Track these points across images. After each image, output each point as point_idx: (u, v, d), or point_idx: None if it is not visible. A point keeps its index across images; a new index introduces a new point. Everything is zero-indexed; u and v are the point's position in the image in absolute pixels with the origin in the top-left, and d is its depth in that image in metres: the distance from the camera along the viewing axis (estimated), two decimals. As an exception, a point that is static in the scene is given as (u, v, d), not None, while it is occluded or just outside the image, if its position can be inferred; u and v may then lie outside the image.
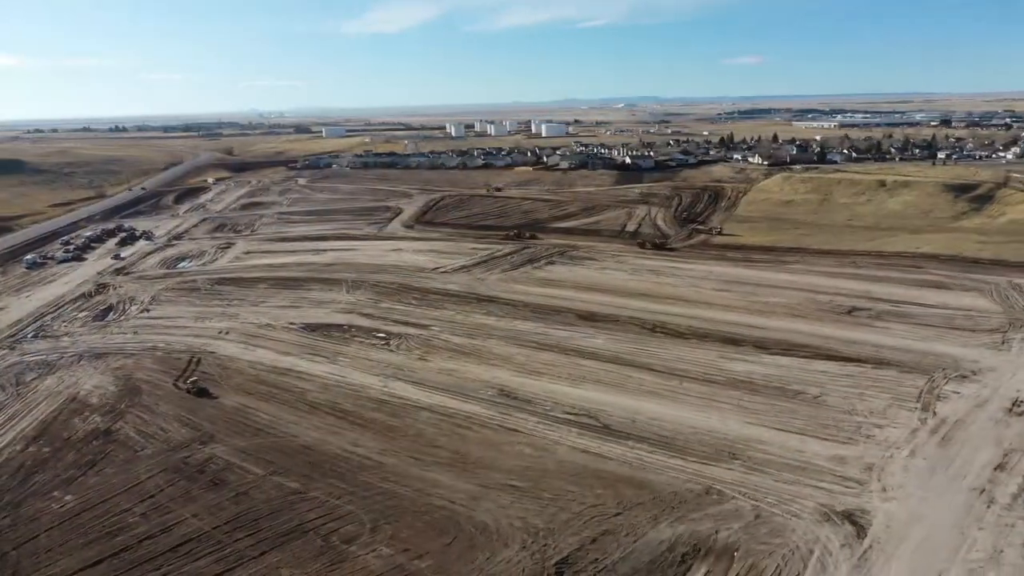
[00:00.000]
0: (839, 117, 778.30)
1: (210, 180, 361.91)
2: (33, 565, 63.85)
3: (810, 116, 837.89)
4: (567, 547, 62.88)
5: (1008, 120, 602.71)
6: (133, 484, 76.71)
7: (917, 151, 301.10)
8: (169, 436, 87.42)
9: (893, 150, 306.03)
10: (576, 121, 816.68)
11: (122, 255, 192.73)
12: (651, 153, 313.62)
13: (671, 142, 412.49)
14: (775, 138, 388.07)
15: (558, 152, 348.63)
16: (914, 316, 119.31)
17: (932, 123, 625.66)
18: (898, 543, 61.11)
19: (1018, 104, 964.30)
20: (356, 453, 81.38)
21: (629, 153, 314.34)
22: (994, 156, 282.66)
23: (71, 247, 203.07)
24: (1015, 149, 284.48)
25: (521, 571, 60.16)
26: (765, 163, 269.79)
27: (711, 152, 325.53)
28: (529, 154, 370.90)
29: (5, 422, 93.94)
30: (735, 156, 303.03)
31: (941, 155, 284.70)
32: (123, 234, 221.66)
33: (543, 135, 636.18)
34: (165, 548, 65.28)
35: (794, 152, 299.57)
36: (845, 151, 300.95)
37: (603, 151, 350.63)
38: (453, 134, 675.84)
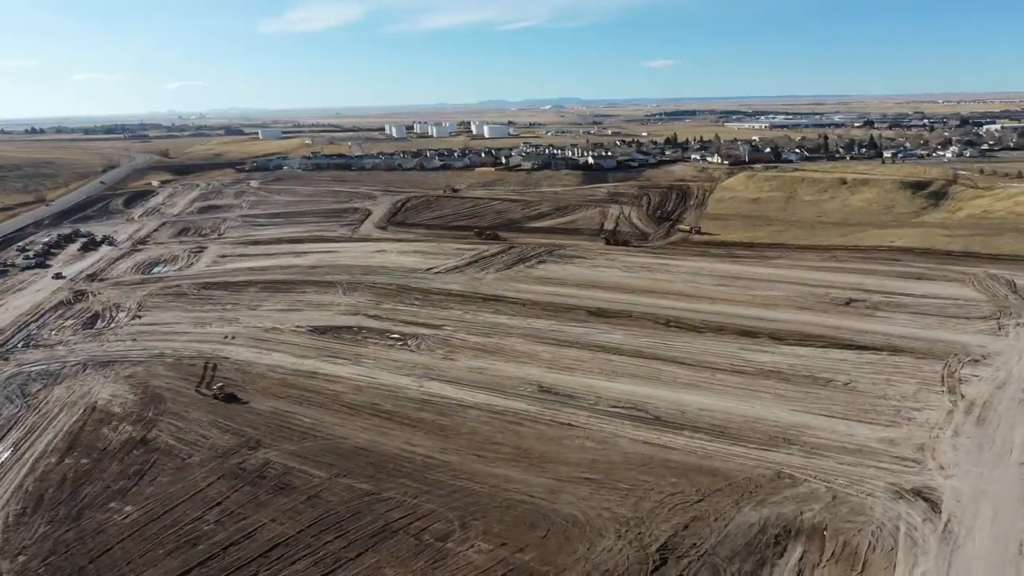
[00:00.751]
0: (762, 119, 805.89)
1: (155, 183, 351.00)
2: (117, 578, 61.74)
3: (734, 117, 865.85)
4: (661, 534, 64.34)
5: (927, 121, 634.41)
6: (194, 492, 74.61)
7: (863, 150, 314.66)
8: (213, 443, 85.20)
9: (840, 149, 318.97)
10: (510, 122, 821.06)
11: (65, 271, 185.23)
12: (611, 153, 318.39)
13: (617, 143, 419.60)
14: (727, 139, 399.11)
15: (518, 153, 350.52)
16: (909, 306, 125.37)
17: (856, 124, 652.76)
18: (973, 516, 64.75)
19: (925, 106, 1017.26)
20: (416, 453, 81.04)
21: (591, 153, 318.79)
22: (934, 155, 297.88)
23: (30, 254, 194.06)
24: (953, 148, 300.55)
25: (625, 559, 61.31)
26: (726, 163, 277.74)
27: (666, 152, 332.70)
28: (484, 155, 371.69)
29: (27, 435, 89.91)
30: (694, 156, 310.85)
31: (887, 154, 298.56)
32: (83, 239, 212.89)
33: (486, 136, 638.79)
34: (255, 554, 63.93)
35: (752, 152, 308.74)
36: (797, 150, 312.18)
37: (556, 151, 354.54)
38: (395, 135, 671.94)
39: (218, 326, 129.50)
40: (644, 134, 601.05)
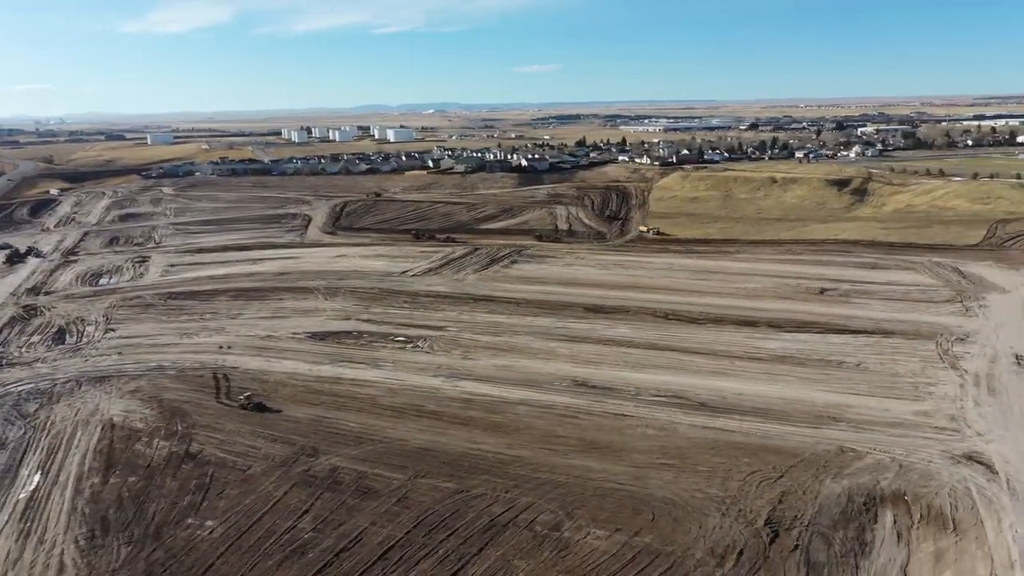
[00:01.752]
0: (648, 122, 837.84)
1: (54, 191, 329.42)
2: (236, 592, 59.56)
3: (619, 121, 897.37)
4: (761, 509, 67.87)
5: (805, 124, 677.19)
6: (273, 502, 72.39)
7: (777, 151, 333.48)
8: (266, 452, 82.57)
9: (755, 150, 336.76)
10: (401, 127, 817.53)
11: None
12: (545, 156, 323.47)
13: (528, 145, 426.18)
14: (633, 141, 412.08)
15: (449, 155, 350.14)
16: (877, 293, 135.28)
17: (742, 128, 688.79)
18: (1026, 474, 71.74)
19: (791, 110, 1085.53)
20: (483, 450, 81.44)
21: (525, 156, 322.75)
22: (839, 155, 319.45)
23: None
24: (856, 148, 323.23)
25: (739, 534, 64.41)
26: (656, 163, 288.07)
27: (591, 155, 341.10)
28: (404, 158, 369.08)
29: (49, 456, 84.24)
30: (621, 157, 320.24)
31: (799, 154, 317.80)
32: (6, 251, 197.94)
33: (392, 140, 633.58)
34: (371, 557, 63.04)
35: (679, 153, 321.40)
36: (718, 151, 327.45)
37: (474, 154, 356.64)
38: (295, 140, 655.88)
39: (206, 336, 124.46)
40: (546, 137, 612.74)
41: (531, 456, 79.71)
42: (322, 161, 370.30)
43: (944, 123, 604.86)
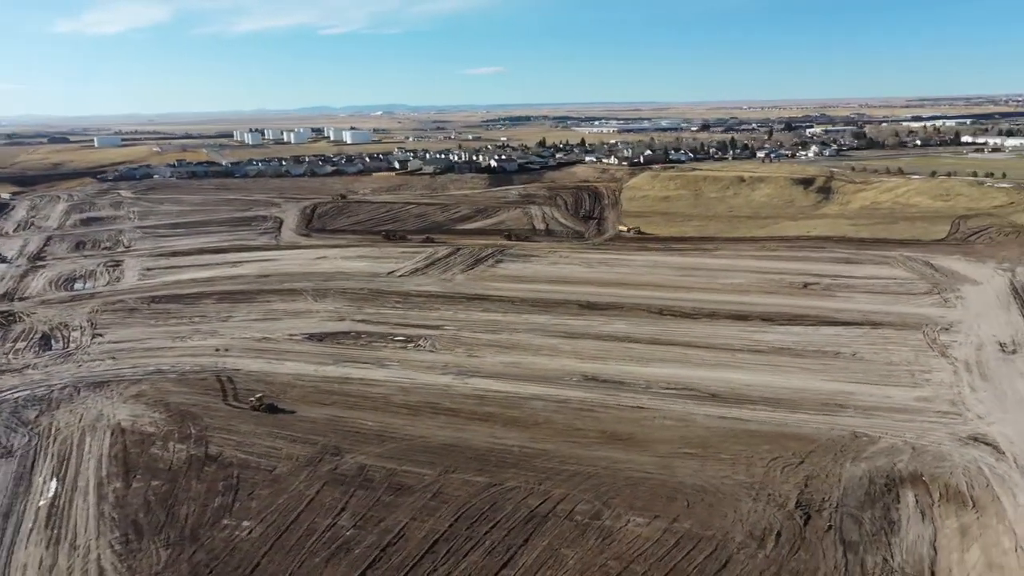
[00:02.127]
0: (598, 123, 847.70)
1: (4, 195, 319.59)
2: (290, 590, 59.59)
3: (569, 122, 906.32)
4: (789, 493, 70.35)
5: (754, 125, 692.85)
6: (307, 501, 72.32)
7: (739, 151, 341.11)
8: (288, 452, 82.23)
9: (716, 150, 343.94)
10: (352, 128, 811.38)
11: None
12: (513, 156, 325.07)
13: (488, 147, 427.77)
14: (592, 143, 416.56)
15: (413, 156, 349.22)
16: (858, 286, 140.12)
17: (693, 128, 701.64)
18: (1031, 453, 75.68)
19: (736, 112, 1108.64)
20: (507, 444, 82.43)
21: (494, 157, 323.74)
22: (798, 155, 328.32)
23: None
24: (813, 148, 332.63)
25: (773, 516, 66.70)
26: (624, 164, 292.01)
27: (557, 155, 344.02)
28: (369, 159, 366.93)
29: (61, 463, 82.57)
30: (588, 158, 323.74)
31: (760, 154, 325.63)
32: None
33: (349, 142, 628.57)
34: (419, 551, 63.59)
35: (645, 153, 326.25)
36: (682, 151, 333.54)
37: (438, 155, 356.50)
38: (250, 142, 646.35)
39: (199, 339, 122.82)
40: (503, 139, 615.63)
41: (556, 449, 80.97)
42: (284, 163, 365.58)
43: (884, 124, 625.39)
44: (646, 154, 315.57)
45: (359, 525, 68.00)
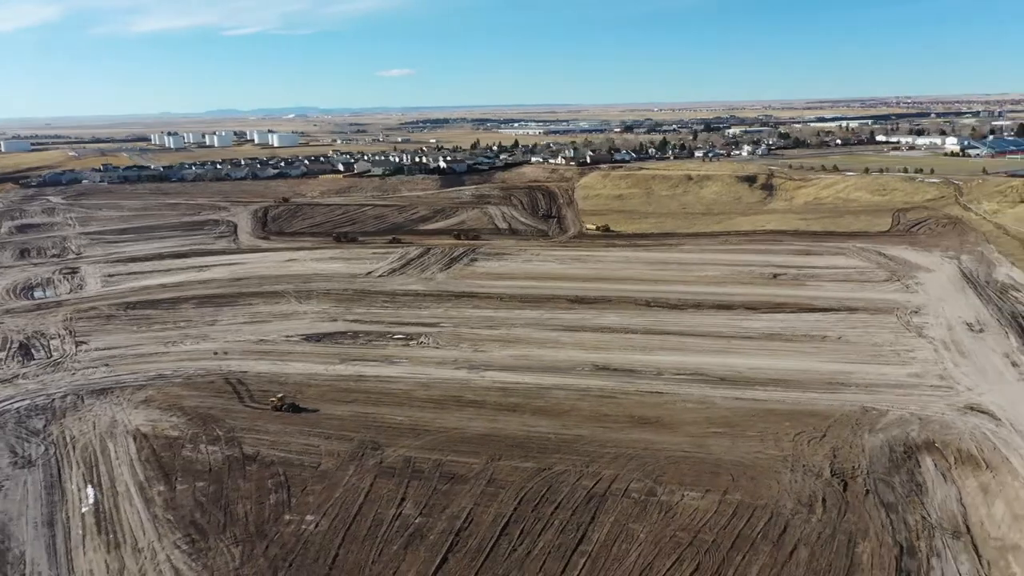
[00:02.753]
0: (516, 125, 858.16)
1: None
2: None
3: (488, 124, 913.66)
4: (822, 463, 75.65)
5: (676, 126, 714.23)
6: (364, 493, 73.45)
7: (678, 150, 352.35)
8: (327, 449, 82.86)
9: (655, 150, 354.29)
10: (269, 131, 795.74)
11: None
12: (458, 158, 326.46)
13: (423, 148, 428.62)
14: (524, 144, 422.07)
15: (365, 159, 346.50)
16: (823, 276, 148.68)
17: (615, 130, 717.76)
18: (1022, 418, 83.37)
19: (652, 114, 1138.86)
20: (543, 432, 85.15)
21: (444, 158, 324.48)
22: (732, 154, 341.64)
23: None
24: (747, 148, 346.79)
25: (813, 484, 71.73)
26: (573, 164, 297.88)
27: (500, 157, 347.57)
28: (308, 162, 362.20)
29: (91, 471, 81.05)
30: (535, 159, 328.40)
31: (698, 153, 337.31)
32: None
33: (276, 145, 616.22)
34: (492, 534, 65.70)
35: (588, 153, 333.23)
36: (624, 151, 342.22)
37: (376, 157, 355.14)
38: (172, 145, 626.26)
39: (192, 343, 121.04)
40: (432, 140, 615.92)
41: (591, 434, 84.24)
42: (219, 165, 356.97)
43: (796, 124, 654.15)
44: (590, 154, 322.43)
45: (425, 513, 69.66)
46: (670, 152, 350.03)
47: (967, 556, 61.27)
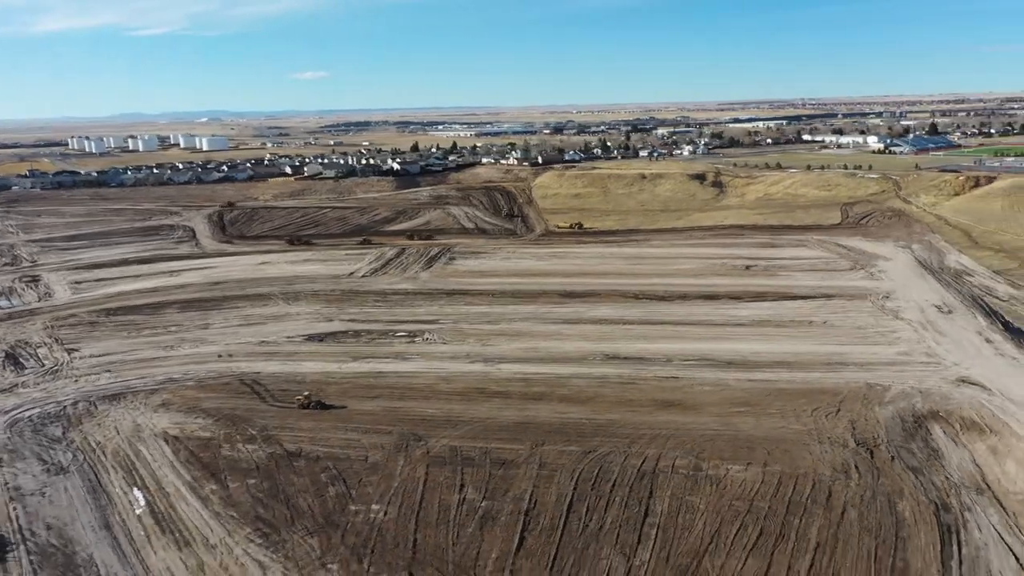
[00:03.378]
0: (440, 127, 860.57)
1: None
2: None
3: (411, 127, 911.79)
4: (844, 434, 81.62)
5: (603, 127, 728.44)
6: (422, 481, 75.44)
7: (624, 150, 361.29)
8: (370, 443, 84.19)
9: (601, 151, 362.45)
10: (185, 135, 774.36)
11: None
12: (411, 159, 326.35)
13: (362, 151, 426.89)
14: (464, 146, 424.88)
15: (316, 162, 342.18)
16: (791, 267, 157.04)
17: (546, 132, 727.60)
18: (1009, 388, 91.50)
19: (572, 116, 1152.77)
20: (576, 418, 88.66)
21: (396, 159, 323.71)
22: (674, 153, 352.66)
23: None
24: (688, 148, 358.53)
25: (842, 453, 77.49)
26: (525, 164, 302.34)
27: (450, 158, 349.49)
28: (250, 165, 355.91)
29: (131, 473, 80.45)
30: (485, 159, 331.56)
31: (643, 153, 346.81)
32: None
33: (206, 149, 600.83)
34: (561, 513, 68.76)
35: (545, 153, 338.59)
36: (573, 151, 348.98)
37: (318, 159, 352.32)
38: (94, 150, 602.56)
39: (191, 347, 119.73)
40: (366, 143, 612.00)
41: (621, 418, 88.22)
42: (155, 170, 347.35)
43: (715, 125, 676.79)
44: (541, 155, 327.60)
45: (488, 497, 72.20)
46: (616, 152, 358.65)
47: (994, 509, 67.72)
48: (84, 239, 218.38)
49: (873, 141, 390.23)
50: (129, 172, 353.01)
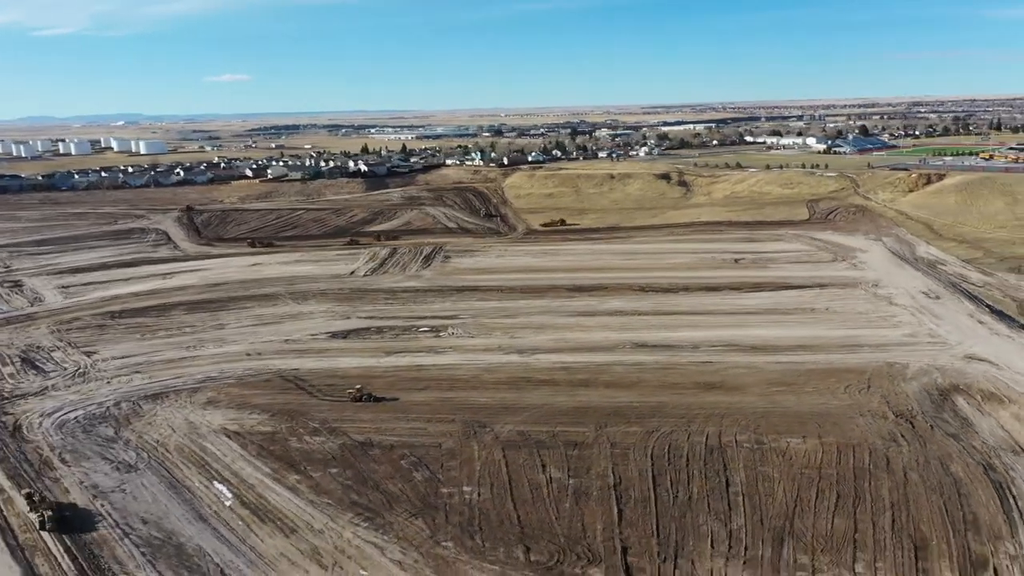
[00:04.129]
0: (373, 131, 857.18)
1: None
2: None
3: (343, 131, 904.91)
4: (882, 407, 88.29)
5: (543, 130, 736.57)
6: (504, 463, 78.49)
7: (583, 151, 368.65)
8: (436, 431, 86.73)
9: (561, 152, 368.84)
10: (110, 138, 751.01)
11: None
12: (376, 160, 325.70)
13: (313, 154, 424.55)
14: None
15: (280, 164, 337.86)
16: (777, 259, 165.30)
17: (487, 134, 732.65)
18: (1014, 362, 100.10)
19: (501, 119, 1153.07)
20: (625, 401, 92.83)
21: (364, 161, 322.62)
22: (631, 154, 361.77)
23: None
24: (644, 149, 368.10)
25: (888, 424, 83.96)
26: (492, 164, 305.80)
27: (412, 160, 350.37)
28: (206, 167, 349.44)
29: (205, 468, 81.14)
30: (450, 160, 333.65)
31: (602, 154, 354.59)
32: None
33: (143, 152, 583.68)
34: (649, 485, 72.96)
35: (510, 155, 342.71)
36: (535, 153, 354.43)
37: (276, 162, 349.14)
38: (24, 154, 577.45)
39: (214, 347, 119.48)
40: (307, 146, 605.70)
41: (671, 401, 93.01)
42: (104, 174, 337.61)
43: (643, 128, 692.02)
44: (506, 157, 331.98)
45: (573, 475, 75.86)
46: (576, 153, 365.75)
47: (1034, 468, 74.97)
48: (52, 244, 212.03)
49: (813, 142, 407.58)
50: (77, 176, 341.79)
